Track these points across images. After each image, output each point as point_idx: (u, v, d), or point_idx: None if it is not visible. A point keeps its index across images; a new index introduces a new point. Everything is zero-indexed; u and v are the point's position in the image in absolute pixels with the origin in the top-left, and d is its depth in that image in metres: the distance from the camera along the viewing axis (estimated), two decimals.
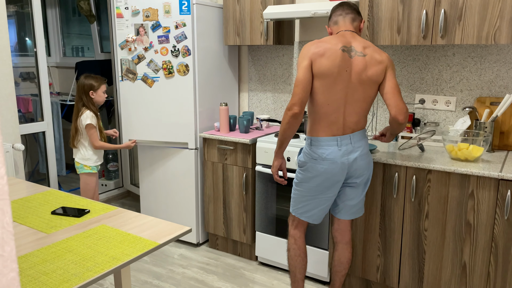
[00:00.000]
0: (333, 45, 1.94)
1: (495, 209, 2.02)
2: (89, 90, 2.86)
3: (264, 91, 3.30)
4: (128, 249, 1.43)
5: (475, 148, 2.15)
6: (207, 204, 3.04)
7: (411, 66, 2.69)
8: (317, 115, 1.99)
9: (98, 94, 2.88)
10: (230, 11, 2.97)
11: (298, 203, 2.13)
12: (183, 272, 2.79)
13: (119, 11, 2.97)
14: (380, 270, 2.40)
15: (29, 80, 4.42)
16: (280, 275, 2.76)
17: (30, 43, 3.20)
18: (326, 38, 1.98)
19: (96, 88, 2.86)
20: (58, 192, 2.01)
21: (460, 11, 2.17)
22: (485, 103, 2.46)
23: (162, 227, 1.61)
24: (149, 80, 3.01)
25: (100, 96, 2.90)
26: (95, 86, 2.86)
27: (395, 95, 1.97)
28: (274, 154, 2.15)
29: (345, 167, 2.01)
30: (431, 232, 2.21)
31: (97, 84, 2.87)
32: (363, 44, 1.98)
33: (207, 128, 3.08)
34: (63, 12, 5.03)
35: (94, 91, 2.87)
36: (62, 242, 1.48)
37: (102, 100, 2.92)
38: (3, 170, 0.45)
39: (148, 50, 2.96)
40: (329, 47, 1.93)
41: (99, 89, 2.88)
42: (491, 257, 2.07)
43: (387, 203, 2.31)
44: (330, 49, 1.93)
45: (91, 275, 1.27)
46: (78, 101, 2.87)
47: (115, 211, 1.78)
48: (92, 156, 2.90)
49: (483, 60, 2.47)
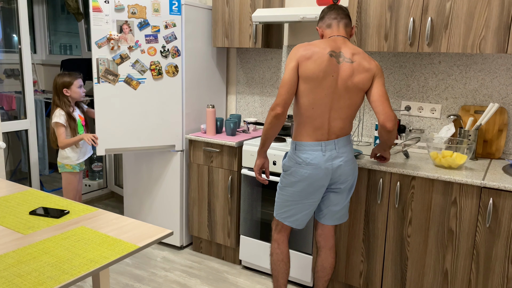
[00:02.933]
0: (321, 49, 1.93)
1: (477, 217, 2.04)
2: (62, 88, 2.79)
3: (252, 94, 3.29)
4: (106, 252, 1.40)
5: (458, 156, 2.17)
6: (191, 206, 3.01)
7: (397, 73, 2.71)
8: (302, 119, 1.99)
9: (73, 90, 2.80)
10: (219, 13, 2.96)
11: (282, 208, 2.12)
12: (166, 275, 2.75)
13: (97, 4, 2.65)
14: (363, 276, 2.40)
15: (14, 77, 4.34)
16: (263, 279, 2.74)
17: (16, 40, 3.15)
18: (316, 42, 1.97)
19: (68, 84, 2.79)
20: (37, 192, 1.97)
21: (447, 20, 2.19)
22: (470, 111, 2.49)
23: (143, 230, 1.58)
24: (133, 82, 2.80)
25: (75, 92, 2.81)
26: (67, 82, 2.78)
27: (383, 103, 1.96)
28: (257, 153, 2.14)
29: (329, 172, 2.00)
30: (414, 238, 2.22)
31: (70, 79, 2.79)
32: (352, 50, 1.98)
33: (193, 130, 3.06)
34: (50, 9, 4.96)
35: (68, 88, 2.79)
36: (39, 244, 1.45)
37: (78, 96, 2.84)
38: None
39: (133, 50, 2.78)
40: (317, 51, 1.93)
41: (73, 85, 2.80)
42: (472, 264, 2.09)
43: (371, 209, 2.32)
44: (317, 52, 1.93)
45: (67, 278, 1.24)
46: (53, 101, 2.82)
47: (96, 212, 1.74)
48: (71, 154, 2.83)
49: (468, 69, 2.50)
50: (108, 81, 2.75)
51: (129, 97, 2.81)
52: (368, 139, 2.85)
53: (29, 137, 3.25)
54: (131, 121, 2.85)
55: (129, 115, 2.84)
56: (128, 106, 2.82)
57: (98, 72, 2.72)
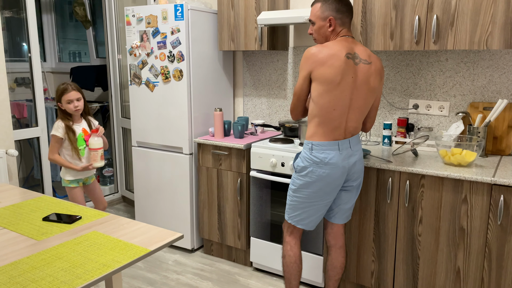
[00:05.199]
0: (337, 52, 1.92)
1: (488, 214, 2.03)
2: (57, 100, 2.59)
3: (259, 96, 3.30)
4: (118, 256, 1.42)
5: (468, 153, 2.15)
6: (201, 209, 3.03)
7: (404, 71, 2.70)
8: (321, 119, 1.97)
9: (64, 105, 2.56)
10: (225, 16, 2.98)
11: (295, 211, 2.11)
12: (177, 278, 2.77)
13: (128, 19, 3.08)
14: (374, 276, 2.39)
15: (24, 86, 4.41)
16: (275, 281, 2.74)
17: (26, 48, 3.20)
18: (330, 44, 1.95)
19: (59, 99, 2.55)
20: (50, 198, 2.00)
21: (453, 17, 2.18)
22: (478, 108, 2.47)
23: (153, 234, 1.60)
24: (150, 85, 3.08)
25: (66, 107, 2.56)
26: (57, 97, 2.57)
27: (377, 110, 2.15)
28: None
29: (345, 171, 2.02)
30: (425, 237, 2.21)
31: (58, 95, 2.55)
32: (366, 51, 2.00)
33: (201, 133, 3.08)
34: (59, 17, 5.03)
35: (60, 101, 2.56)
36: (52, 249, 1.47)
37: (71, 111, 2.57)
38: None
39: (150, 56, 3.04)
40: (332, 54, 1.91)
41: (62, 99, 2.55)
42: (484, 262, 2.07)
43: (381, 208, 2.31)
44: (333, 55, 1.91)
45: (81, 283, 1.26)
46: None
47: (107, 217, 1.77)
48: (67, 172, 2.63)
49: (475, 66, 2.48)
50: (135, 83, 3.17)
51: (148, 98, 3.13)
52: (376, 138, 2.85)
53: (41, 144, 3.30)
54: (151, 119, 3.14)
55: (149, 114, 3.15)
56: (148, 106, 3.14)
57: (129, 76, 3.18)
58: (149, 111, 3.13)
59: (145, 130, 3.18)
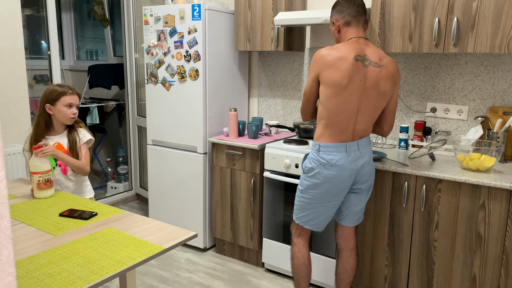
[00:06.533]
0: (345, 54, 1.90)
1: (506, 221, 1.98)
2: (45, 101, 2.07)
3: (274, 97, 3.29)
4: (133, 253, 1.43)
5: (487, 158, 2.11)
6: (214, 209, 3.04)
7: (422, 74, 2.66)
8: (328, 122, 1.97)
9: (58, 109, 2.08)
10: (241, 17, 2.98)
11: (303, 211, 2.11)
12: (189, 276, 2.79)
13: (146, 18, 3.10)
14: (388, 280, 2.37)
15: (43, 83, 4.48)
16: (286, 283, 2.73)
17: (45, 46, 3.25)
18: (339, 46, 1.94)
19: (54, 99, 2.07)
20: (67, 194, 2.03)
21: (473, 19, 2.15)
22: (498, 113, 2.42)
23: (168, 232, 1.61)
24: (167, 84, 3.10)
25: (60, 111, 2.08)
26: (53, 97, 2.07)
27: (394, 114, 2.10)
28: None
29: (353, 173, 2.00)
30: (440, 243, 2.17)
31: (58, 94, 2.07)
32: (378, 54, 1.96)
33: (216, 133, 3.09)
34: (78, 16, 5.10)
35: (53, 104, 2.07)
36: (69, 245, 1.49)
37: (64, 117, 2.09)
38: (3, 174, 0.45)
39: (166, 55, 3.06)
40: (341, 56, 1.90)
41: (59, 101, 2.07)
42: (501, 269, 2.03)
43: (396, 212, 2.28)
44: (342, 58, 1.90)
45: (96, 278, 1.27)
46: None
47: (122, 214, 1.78)
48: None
49: (496, 69, 2.44)
50: (152, 82, 3.19)
51: (164, 97, 3.15)
52: (392, 141, 2.82)
53: None
54: (166, 118, 3.16)
55: (164, 113, 3.17)
56: (163, 105, 3.16)
57: (146, 74, 3.20)
58: (165, 110, 3.15)
59: (160, 129, 3.20)
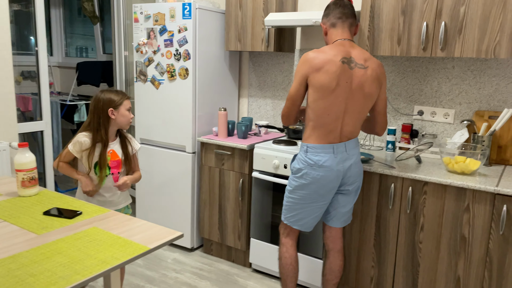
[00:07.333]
0: (332, 57, 1.92)
1: (490, 224, 2.01)
2: (107, 107, 2.07)
3: (264, 97, 3.30)
4: (118, 253, 1.42)
5: (472, 162, 2.14)
6: (202, 208, 3.03)
7: (410, 77, 2.69)
8: (317, 123, 1.99)
9: (121, 113, 2.10)
10: (232, 16, 2.98)
11: (291, 211, 2.12)
12: (176, 276, 2.77)
13: (136, 16, 3.09)
14: (374, 281, 2.38)
15: (30, 79, 4.43)
16: (273, 283, 2.74)
17: (33, 42, 3.21)
18: (326, 49, 1.96)
19: (117, 104, 2.09)
20: (51, 192, 2.01)
21: (461, 24, 2.17)
22: (484, 117, 2.46)
23: (154, 232, 1.60)
24: (156, 82, 3.09)
25: (124, 115, 2.11)
26: (116, 101, 2.09)
27: (384, 114, 2.10)
28: None
29: (340, 174, 2.01)
30: (426, 244, 2.19)
31: (119, 98, 2.10)
32: (363, 55, 1.98)
33: (205, 132, 3.08)
34: (67, 12, 5.05)
35: (116, 108, 2.09)
36: (52, 244, 1.47)
37: (126, 122, 2.14)
38: None
39: (156, 53, 3.05)
40: (328, 59, 1.91)
41: (122, 105, 2.10)
42: (485, 272, 2.05)
43: (382, 214, 2.30)
44: (329, 61, 1.91)
45: (79, 278, 1.26)
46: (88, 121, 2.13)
47: (108, 213, 1.77)
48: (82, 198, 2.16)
49: (482, 74, 2.47)
50: (141, 81, 3.18)
51: (153, 95, 3.14)
52: (380, 143, 2.84)
53: (45, 138, 3.31)
54: (155, 116, 3.15)
55: (153, 111, 3.16)
56: (152, 103, 3.15)
57: (135, 72, 3.18)
58: (154, 108, 3.13)
59: (149, 128, 3.18)
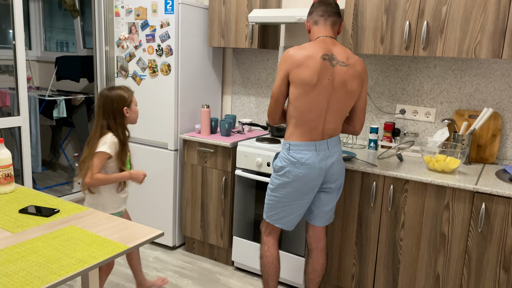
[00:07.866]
0: (313, 53, 1.91)
1: (469, 221, 2.04)
2: (122, 106, 2.05)
3: (248, 94, 3.28)
4: (95, 252, 1.39)
5: (452, 160, 2.17)
6: (184, 206, 3.00)
7: (393, 76, 2.71)
8: (298, 121, 1.98)
9: (133, 110, 2.11)
10: (216, 12, 2.95)
11: (273, 210, 2.11)
12: (158, 275, 2.74)
13: (117, 10, 3.04)
14: (355, 279, 2.40)
15: (8, 73, 4.31)
16: (255, 281, 2.73)
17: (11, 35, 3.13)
18: (307, 45, 1.95)
19: (128, 101, 2.08)
20: (28, 190, 1.95)
21: (443, 24, 2.19)
22: (464, 116, 2.49)
23: (133, 230, 1.57)
24: (137, 78, 3.04)
25: (136, 111, 2.13)
26: (127, 99, 2.08)
27: (364, 112, 2.10)
28: None
29: (322, 172, 2.01)
30: (406, 242, 2.21)
31: (128, 95, 2.09)
32: (344, 53, 1.97)
33: (188, 129, 3.05)
34: (47, 5, 4.92)
35: (128, 106, 2.08)
36: (28, 243, 1.43)
37: (137, 117, 2.16)
38: None
39: (138, 48, 3.00)
40: (309, 55, 1.91)
41: (133, 102, 2.11)
42: (464, 269, 2.09)
43: (364, 211, 2.31)
44: (310, 57, 1.90)
45: (55, 278, 1.22)
46: (101, 122, 2.06)
47: (86, 211, 1.73)
48: (110, 200, 2.11)
49: (463, 74, 2.50)
50: (122, 76, 3.13)
51: (135, 91, 3.00)
52: (362, 141, 2.85)
53: (22, 134, 3.22)
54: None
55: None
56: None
57: (116, 68, 3.13)
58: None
59: (130, 124, 3.12)
